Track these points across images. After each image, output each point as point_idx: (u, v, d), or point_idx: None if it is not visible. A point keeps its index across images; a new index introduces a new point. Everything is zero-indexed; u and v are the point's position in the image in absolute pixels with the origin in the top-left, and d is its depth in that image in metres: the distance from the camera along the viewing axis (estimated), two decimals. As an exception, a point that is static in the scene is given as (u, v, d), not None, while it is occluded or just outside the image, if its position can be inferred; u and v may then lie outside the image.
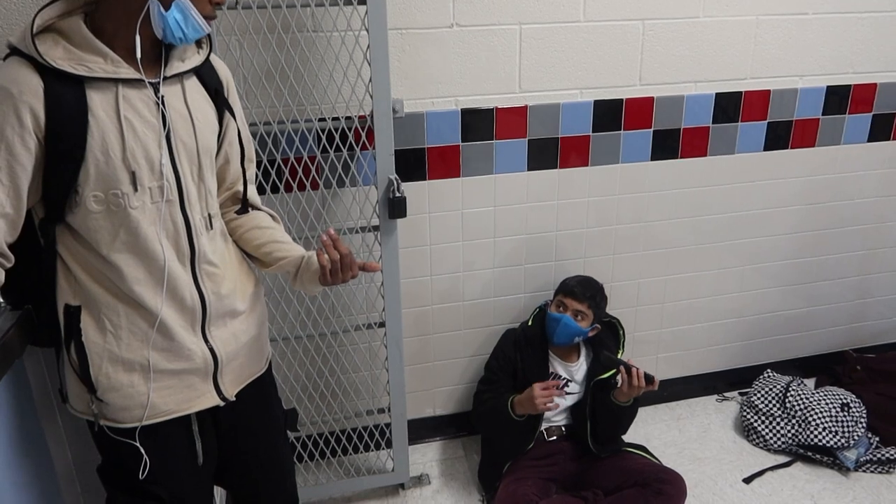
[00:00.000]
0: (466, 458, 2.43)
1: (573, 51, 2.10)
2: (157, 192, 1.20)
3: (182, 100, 1.23)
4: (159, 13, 1.11)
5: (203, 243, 1.28)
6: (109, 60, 1.13)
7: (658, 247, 2.44)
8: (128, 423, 1.28)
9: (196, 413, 1.36)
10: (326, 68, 1.87)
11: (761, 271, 2.60)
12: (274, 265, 1.42)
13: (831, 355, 2.85)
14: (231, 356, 1.36)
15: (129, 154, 1.15)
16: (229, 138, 1.36)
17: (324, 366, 2.11)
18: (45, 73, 1.09)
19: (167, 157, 1.20)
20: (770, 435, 2.45)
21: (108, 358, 1.24)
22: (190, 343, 1.29)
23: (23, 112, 1.08)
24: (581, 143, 2.22)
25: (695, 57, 2.20)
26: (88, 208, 1.16)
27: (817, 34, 2.27)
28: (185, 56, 1.24)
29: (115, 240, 1.19)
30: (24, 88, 1.08)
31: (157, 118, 1.18)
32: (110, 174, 1.15)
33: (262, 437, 1.52)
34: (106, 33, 1.13)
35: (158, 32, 1.13)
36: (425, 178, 2.13)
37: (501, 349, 2.24)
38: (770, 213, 2.50)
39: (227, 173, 1.40)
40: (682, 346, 2.66)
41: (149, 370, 1.26)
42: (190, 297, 1.27)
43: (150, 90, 1.18)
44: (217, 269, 1.32)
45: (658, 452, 2.26)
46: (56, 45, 1.11)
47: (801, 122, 2.39)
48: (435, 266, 2.26)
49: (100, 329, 1.23)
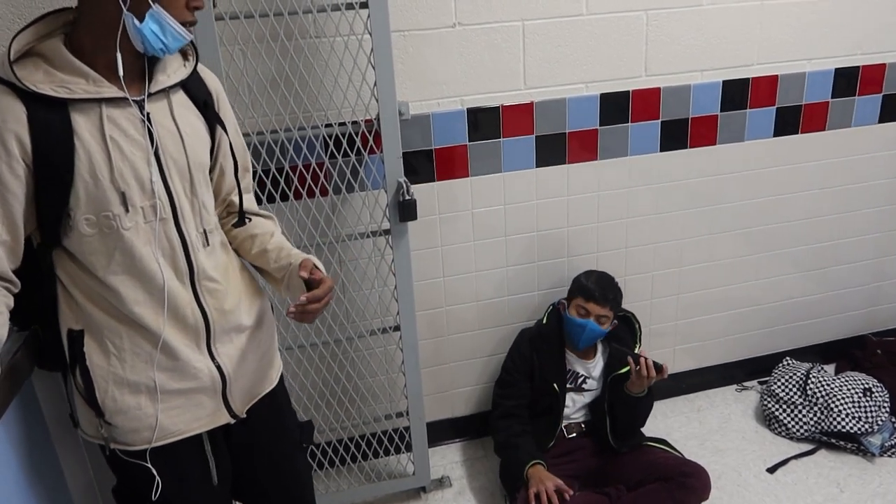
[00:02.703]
0: (487, 459, 2.42)
1: (577, 45, 2.08)
2: (150, 211, 1.18)
3: (169, 115, 1.21)
4: (134, 26, 1.08)
5: (201, 259, 1.26)
6: (91, 80, 1.11)
7: (671, 238, 2.43)
8: (138, 445, 1.27)
9: (208, 432, 1.35)
10: (331, 74, 1.86)
11: (776, 258, 2.58)
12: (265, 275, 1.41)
13: (850, 340, 2.82)
14: (239, 372, 1.34)
15: (118, 174, 1.13)
16: (223, 150, 1.34)
17: (340, 372, 2.11)
18: (27, 99, 1.07)
19: (157, 174, 1.18)
20: (792, 423, 2.43)
21: (114, 381, 1.23)
22: (196, 361, 1.27)
23: (7, 140, 1.07)
24: (589, 138, 2.20)
25: (700, 45, 2.18)
26: (82, 231, 1.15)
27: (823, 17, 2.25)
28: (170, 70, 1.22)
29: (111, 262, 1.18)
30: (8, 116, 1.07)
31: (145, 136, 1.16)
32: (100, 196, 1.13)
33: (277, 453, 1.50)
34: (86, 52, 1.11)
35: (138, 46, 1.10)
36: (434, 179, 2.12)
37: (517, 348, 2.23)
38: (783, 199, 2.48)
39: (222, 185, 1.38)
40: (698, 336, 2.64)
41: (155, 391, 1.24)
42: (192, 315, 1.26)
43: (134, 108, 1.15)
44: (219, 285, 1.30)
45: (679, 445, 2.24)
46: (37, 68, 1.09)
47: (811, 106, 2.36)
48: (447, 267, 2.25)
49: (103, 352, 1.22)
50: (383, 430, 2.26)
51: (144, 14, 1.08)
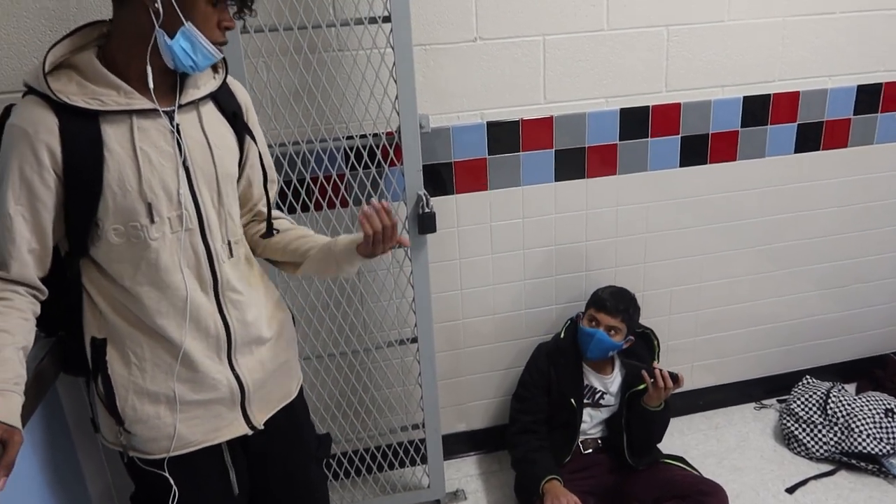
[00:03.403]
0: (502, 473, 2.40)
1: (598, 60, 2.09)
2: (177, 222, 1.20)
3: (199, 127, 1.23)
4: (165, 43, 1.11)
5: (226, 271, 1.27)
6: (122, 92, 1.13)
7: (690, 254, 2.41)
8: (155, 454, 1.28)
9: (227, 442, 1.35)
10: (353, 86, 1.88)
11: (797, 275, 2.56)
12: (304, 260, 1.39)
13: (872, 359, 2.78)
14: (258, 384, 1.35)
15: (146, 185, 1.15)
16: (251, 161, 1.35)
17: (357, 383, 2.11)
18: (60, 110, 1.10)
19: (185, 185, 1.20)
20: (812, 443, 2.40)
21: (134, 390, 1.24)
22: (215, 373, 1.28)
23: (39, 150, 1.09)
24: (608, 152, 2.20)
25: (721, 61, 2.18)
26: (109, 241, 1.17)
27: (846, 33, 2.24)
28: (200, 82, 1.24)
29: (137, 272, 1.19)
30: (40, 127, 1.09)
31: (174, 147, 1.18)
32: (128, 206, 1.15)
33: (293, 465, 1.50)
34: (118, 65, 1.14)
35: (168, 62, 1.13)
36: (453, 192, 2.13)
37: (534, 363, 2.22)
38: (803, 215, 2.46)
39: (249, 196, 1.39)
40: (717, 353, 2.62)
41: (174, 402, 1.26)
42: (214, 326, 1.27)
43: (164, 119, 1.17)
44: (241, 297, 1.31)
45: (696, 463, 2.22)
46: (70, 80, 1.12)
47: (832, 122, 2.35)
48: (465, 280, 2.26)
49: (125, 362, 1.23)
50: (399, 442, 2.26)
51: (176, 31, 1.11)
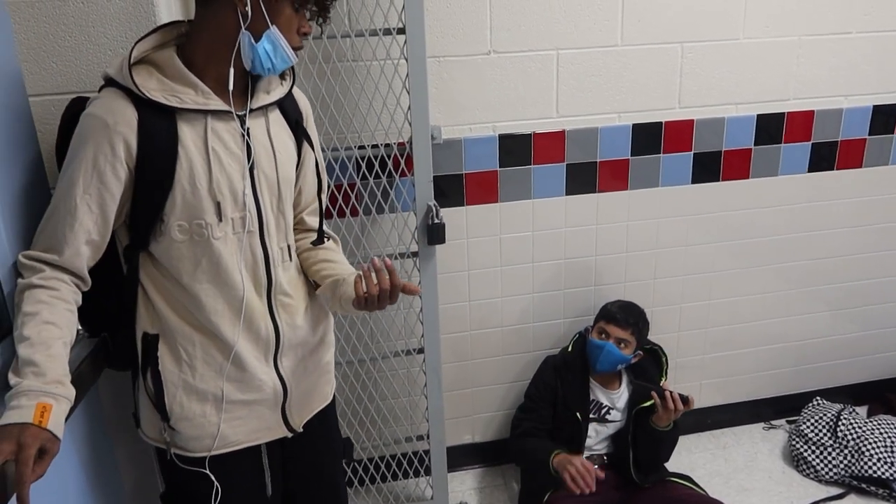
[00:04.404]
0: (506, 487, 2.39)
1: (611, 75, 2.09)
2: (239, 223, 1.22)
3: (266, 132, 1.25)
4: (250, 44, 1.13)
5: (279, 274, 1.29)
6: (200, 92, 1.15)
7: (700, 271, 2.40)
8: (197, 452, 1.29)
9: (266, 444, 1.37)
10: (366, 97, 1.89)
11: (808, 295, 2.53)
12: (321, 285, 1.39)
13: (884, 382, 2.75)
14: (300, 387, 1.37)
15: (215, 185, 1.17)
16: (305, 168, 1.37)
17: (363, 392, 2.11)
18: (140, 104, 1.12)
19: (250, 188, 1.22)
20: (821, 465, 2.37)
21: (183, 387, 1.25)
22: (262, 374, 1.30)
23: (116, 142, 1.11)
24: (620, 167, 2.20)
25: (735, 79, 2.18)
26: (173, 237, 1.18)
27: (862, 53, 2.23)
28: (271, 88, 1.26)
29: (197, 269, 1.21)
30: (119, 119, 1.11)
31: (242, 150, 1.20)
32: (196, 204, 1.17)
33: (324, 468, 1.52)
34: (197, 65, 1.16)
35: (247, 64, 1.15)
36: (463, 203, 2.13)
37: (541, 376, 2.21)
38: (816, 235, 2.44)
39: (297, 202, 1.40)
40: (726, 372, 2.60)
41: (221, 400, 1.27)
42: (265, 328, 1.28)
43: (237, 122, 1.20)
44: (292, 300, 1.32)
45: (703, 482, 2.20)
46: (150, 76, 1.14)
47: (847, 142, 2.33)
48: (473, 291, 2.25)
49: (175, 359, 1.25)
50: (403, 453, 2.25)
51: (261, 34, 1.13)
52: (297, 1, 1.16)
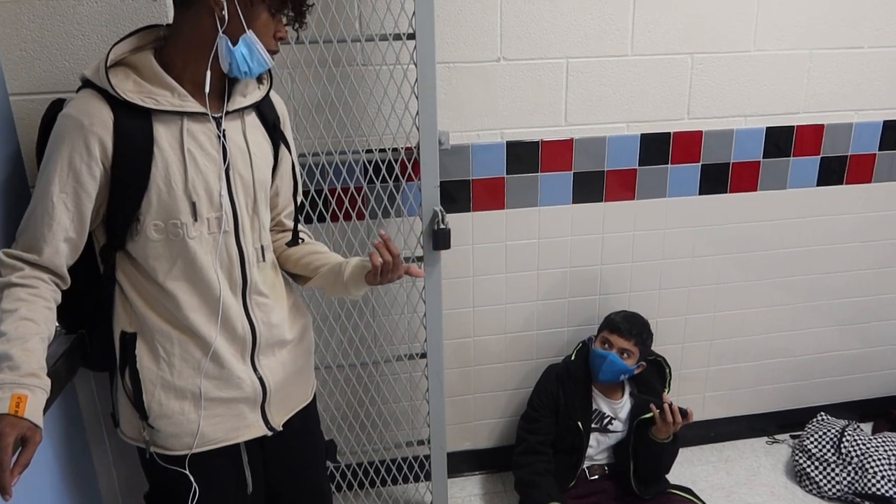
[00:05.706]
0: (506, 494, 2.38)
1: (620, 84, 2.09)
2: (215, 223, 1.23)
3: (241, 134, 1.27)
4: (227, 48, 1.15)
5: (254, 274, 1.31)
6: (176, 94, 1.17)
7: (706, 282, 2.39)
8: (177, 450, 1.30)
9: (245, 443, 1.37)
10: (374, 101, 1.90)
11: (814, 309, 2.52)
12: (314, 276, 1.42)
13: (889, 399, 2.72)
14: (279, 385, 1.38)
15: (191, 185, 1.19)
16: (281, 171, 1.39)
17: (364, 395, 2.11)
18: (116, 105, 1.14)
19: (226, 189, 1.23)
20: (824, 482, 2.35)
21: (161, 385, 1.26)
22: (240, 372, 1.31)
23: (91, 142, 1.13)
24: (627, 177, 2.20)
25: (745, 91, 2.17)
26: (149, 236, 1.20)
27: (873, 68, 2.22)
28: (247, 91, 1.28)
29: (173, 268, 1.22)
30: (95, 120, 1.13)
31: (218, 151, 1.22)
32: (171, 204, 1.18)
33: (305, 467, 1.53)
34: (175, 68, 1.18)
35: (224, 67, 1.17)
36: (470, 209, 2.13)
37: (544, 384, 2.21)
38: (824, 249, 2.43)
39: (275, 204, 1.42)
40: (730, 385, 2.58)
41: (200, 398, 1.28)
42: (241, 327, 1.30)
43: (213, 124, 1.22)
44: (267, 300, 1.34)
45: (705, 495, 2.18)
46: (127, 78, 1.16)
47: (857, 157, 2.32)
48: (477, 297, 2.25)
49: (154, 356, 1.26)
50: (403, 457, 2.25)
51: (238, 38, 1.16)
52: (273, 6, 1.18)
